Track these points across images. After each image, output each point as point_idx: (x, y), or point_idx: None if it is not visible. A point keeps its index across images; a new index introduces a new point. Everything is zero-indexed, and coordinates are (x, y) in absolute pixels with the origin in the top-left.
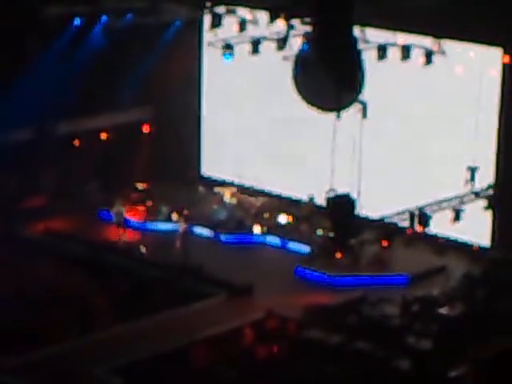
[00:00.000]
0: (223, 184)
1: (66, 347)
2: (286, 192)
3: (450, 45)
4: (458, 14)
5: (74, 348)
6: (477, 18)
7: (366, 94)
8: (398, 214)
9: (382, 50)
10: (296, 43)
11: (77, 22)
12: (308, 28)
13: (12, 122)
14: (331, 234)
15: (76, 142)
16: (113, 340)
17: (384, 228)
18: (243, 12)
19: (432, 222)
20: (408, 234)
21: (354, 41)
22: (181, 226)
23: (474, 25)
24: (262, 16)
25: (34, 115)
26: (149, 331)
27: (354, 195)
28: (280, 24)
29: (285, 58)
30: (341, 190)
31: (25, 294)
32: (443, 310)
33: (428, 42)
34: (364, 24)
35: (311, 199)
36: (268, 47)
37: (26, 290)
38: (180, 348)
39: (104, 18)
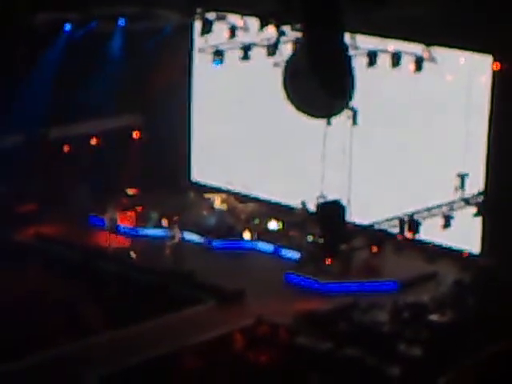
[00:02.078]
0: (214, 190)
1: (55, 353)
2: (276, 198)
3: (440, 52)
4: (448, 22)
5: (64, 354)
6: (467, 26)
7: (357, 101)
8: (388, 220)
9: (372, 57)
10: (286, 49)
11: (67, 28)
12: (298, 34)
13: (2, 127)
14: (321, 241)
15: (66, 148)
16: (103, 346)
17: (374, 234)
18: (234, 18)
19: (422, 229)
20: (398, 241)
21: (345, 47)
22: (171, 232)
23: (464, 32)
24: (253, 22)
25: (24, 121)
26: (139, 337)
27: (344, 201)
28: (270, 30)
29: (275, 65)
30: (331, 197)
31: (14, 299)
32: (433, 317)
33: (418, 49)
34: (354, 31)
35: (303, 205)
36: (258, 53)
37: (15, 295)
38: (171, 354)
39: (93, 24)
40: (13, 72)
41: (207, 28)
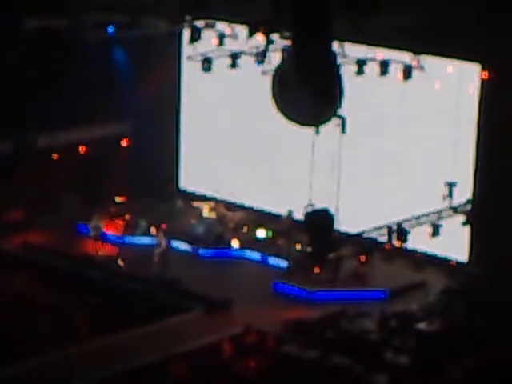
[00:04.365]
0: (202, 198)
1: (43, 361)
2: (264, 206)
3: (428, 60)
4: (437, 30)
5: (51, 362)
6: (455, 34)
7: (345, 109)
8: (377, 229)
9: (361, 65)
10: (275, 57)
11: (56, 34)
12: (287, 42)
13: None
14: (309, 249)
15: (55, 156)
16: (90, 354)
17: (362, 243)
18: (222, 26)
19: (410, 237)
20: (386, 249)
21: (333, 55)
22: (159, 241)
23: (452, 40)
24: (241, 30)
25: (13, 128)
26: (126, 345)
27: (332, 210)
28: (259, 38)
29: (264, 73)
30: (319, 205)
31: (1, 307)
32: (421, 325)
33: (406, 57)
34: (343, 39)
35: (290, 214)
36: (247, 61)
37: (2, 303)
38: (158, 362)
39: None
40: (2, 78)
41: (196, 36)
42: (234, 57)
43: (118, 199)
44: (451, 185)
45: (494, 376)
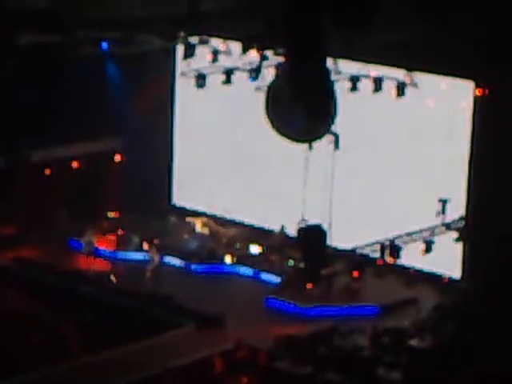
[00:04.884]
0: (195, 214)
1: (34, 377)
2: (257, 222)
3: (421, 77)
4: (430, 47)
5: (42, 378)
6: (448, 51)
7: (339, 126)
8: (369, 245)
9: (355, 82)
10: (269, 74)
11: (51, 50)
12: (281, 59)
13: None
14: (302, 265)
15: (48, 171)
16: (82, 369)
17: (355, 259)
18: (216, 42)
19: (403, 254)
20: (379, 266)
21: (327, 72)
22: (152, 256)
23: (445, 58)
24: (235, 46)
25: (6, 143)
26: (118, 361)
27: (325, 226)
28: (253, 54)
29: (257, 89)
30: (312, 221)
31: None
32: (413, 342)
33: (400, 74)
34: (337, 56)
35: (282, 229)
36: (241, 77)
37: None
38: (150, 378)
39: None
40: None
41: (190, 52)
42: (228, 73)
43: (111, 214)
44: (444, 201)
45: None
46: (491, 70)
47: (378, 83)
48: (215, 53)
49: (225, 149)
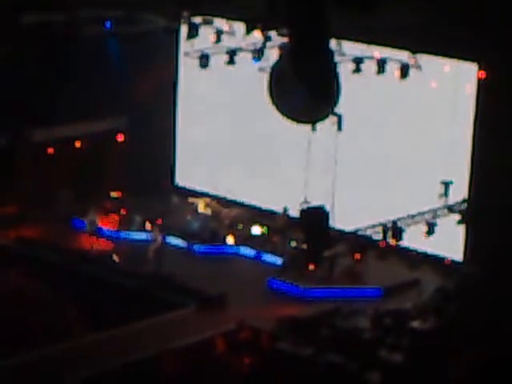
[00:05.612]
0: (197, 194)
1: (36, 355)
2: (260, 203)
3: (425, 59)
4: (434, 30)
5: (44, 356)
6: (452, 34)
7: (342, 107)
8: (372, 227)
9: (358, 63)
10: (272, 55)
11: (54, 29)
12: (284, 39)
13: None
14: (304, 246)
15: (50, 150)
16: (83, 349)
17: (357, 241)
18: (220, 23)
19: (405, 236)
20: (381, 247)
21: (330, 53)
22: (154, 236)
23: (449, 40)
24: (239, 27)
25: (8, 122)
26: (120, 341)
27: (327, 207)
28: (256, 35)
29: (261, 70)
30: (315, 202)
31: None
32: (415, 324)
33: (404, 56)
34: (340, 37)
35: (285, 211)
36: (244, 58)
37: None
38: (152, 358)
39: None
40: None
41: (193, 32)
42: (232, 53)
43: (114, 194)
44: (447, 184)
45: (486, 374)
46: (494, 53)
47: (381, 65)
48: (219, 33)
49: (228, 129)
